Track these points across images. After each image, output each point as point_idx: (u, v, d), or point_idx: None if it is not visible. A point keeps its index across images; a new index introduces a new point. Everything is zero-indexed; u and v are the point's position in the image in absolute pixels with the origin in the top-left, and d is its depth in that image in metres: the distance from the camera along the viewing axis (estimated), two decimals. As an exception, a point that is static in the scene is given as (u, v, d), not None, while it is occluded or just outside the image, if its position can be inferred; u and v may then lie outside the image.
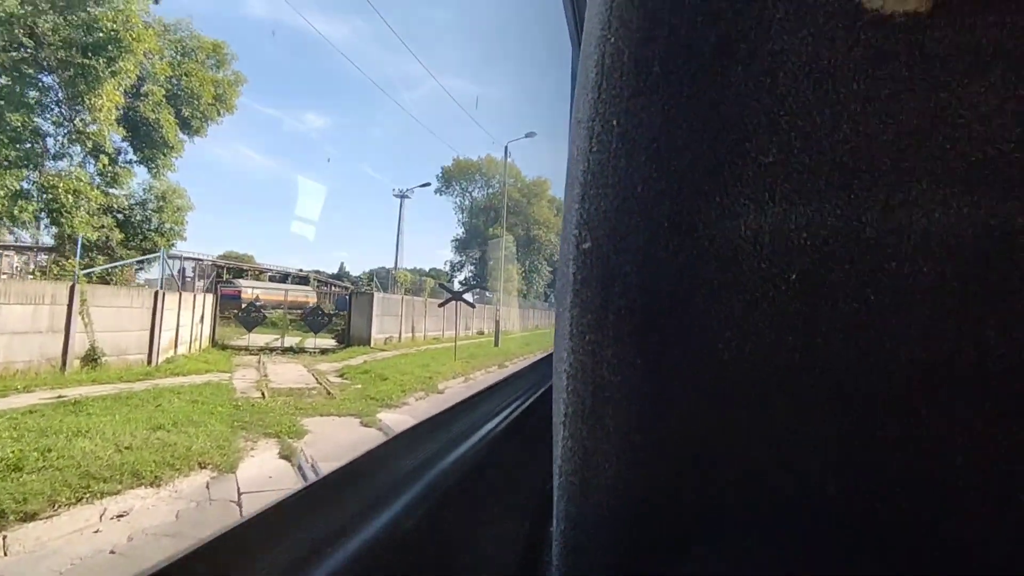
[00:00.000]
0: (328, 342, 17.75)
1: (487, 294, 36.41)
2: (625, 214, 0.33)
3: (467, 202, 45.91)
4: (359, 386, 10.07)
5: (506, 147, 20.19)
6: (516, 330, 35.06)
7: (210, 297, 16.21)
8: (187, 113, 15.17)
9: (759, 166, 0.31)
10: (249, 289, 24.34)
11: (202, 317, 14.70)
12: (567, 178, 0.39)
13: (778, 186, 0.31)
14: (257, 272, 32.22)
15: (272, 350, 16.00)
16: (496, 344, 19.65)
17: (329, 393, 9.32)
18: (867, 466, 0.33)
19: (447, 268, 46.35)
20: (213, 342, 15.98)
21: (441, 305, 15.34)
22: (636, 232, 0.33)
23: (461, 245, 46.15)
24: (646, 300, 0.34)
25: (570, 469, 0.37)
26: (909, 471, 0.32)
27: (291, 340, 17.12)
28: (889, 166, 0.29)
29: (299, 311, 20.12)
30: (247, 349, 15.76)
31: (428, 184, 27.93)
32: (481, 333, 27.78)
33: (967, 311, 0.29)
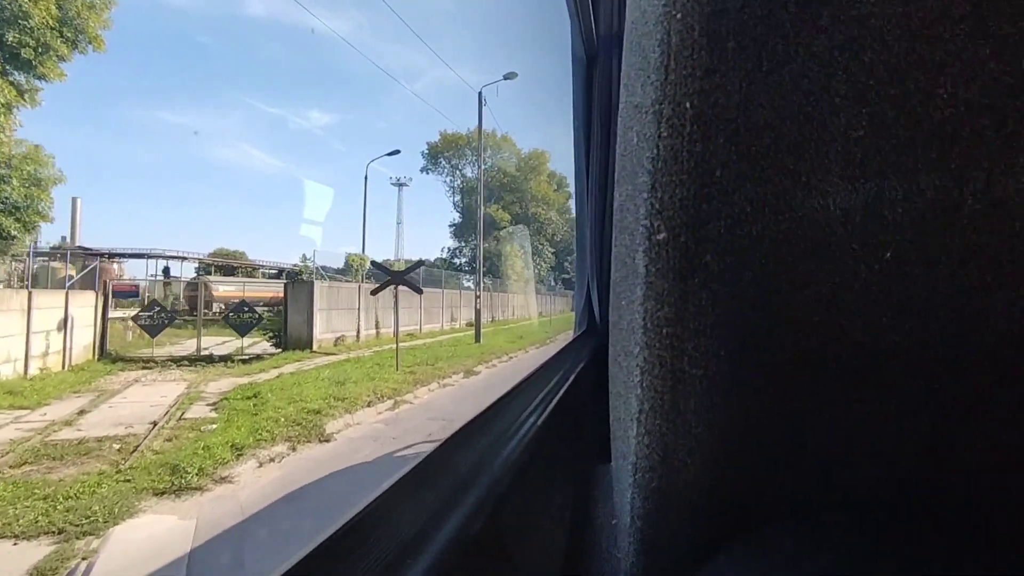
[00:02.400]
0: (273, 345, 14.00)
1: (487, 281, 32.72)
2: (703, 201, 0.32)
3: (458, 181, 41.80)
4: (213, 427, 6.23)
5: (480, 93, 16.10)
6: (517, 319, 31.24)
7: (93, 296, 12.40)
8: (12, 39, 10.55)
9: (848, 139, 0.29)
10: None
11: (96, 319, 11.04)
12: (621, 168, 0.37)
13: (869, 159, 0.29)
14: (250, 268, 29.71)
15: (180, 361, 12.21)
16: (477, 340, 15.76)
17: (120, 455, 5.42)
18: (971, 454, 0.32)
19: (445, 255, 42.60)
20: (103, 352, 12.22)
21: (374, 292, 11.55)
22: (716, 219, 0.32)
23: (459, 230, 42.10)
24: (729, 290, 0.32)
25: (647, 466, 0.36)
26: (1008, 453, 0.31)
27: (230, 345, 13.34)
28: (992, 132, 0.28)
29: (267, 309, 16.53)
30: (150, 361, 12.01)
31: (397, 152, 23.96)
32: (470, 325, 23.93)
33: None
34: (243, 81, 62.39)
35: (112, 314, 12.77)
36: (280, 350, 13.68)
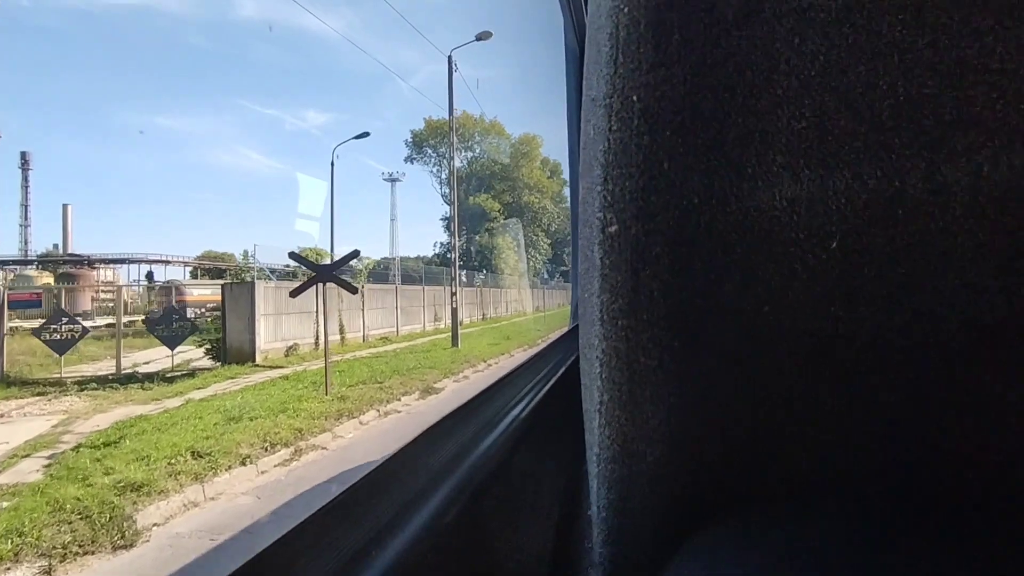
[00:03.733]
0: (212, 358, 11.87)
1: (479, 275, 30.61)
2: (652, 193, 0.32)
3: (445, 172, 39.51)
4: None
5: (449, 57, 13.85)
6: (510, 315, 29.17)
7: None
8: None
9: (791, 132, 0.30)
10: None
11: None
12: (582, 161, 0.38)
13: (813, 151, 0.30)
14: (239, 271, 28.08)
15: (89, 383, 10.06)
16: (455, 344, 13.63)
17: None
18: (914, 438, 0.33)
19: (438, 250, 40.44)
20: (-3, 376, 10.09)
21: (295, 293, 9.40)
22: (665, 211, 0.32)
23: (450, 224, 39.93)
24: (679, 281, 0.33)
25: (609, 456, 0.37)
26: (958, 440, 0.32)
27: (176, 358, 11.17)
28: (932, 121, 0.29)
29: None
30: (56, 383, 9.89)
31: (366, 134, 21.69)
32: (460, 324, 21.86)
33: (1018, 271, 0.29)
34: (236, 83, 60.05)
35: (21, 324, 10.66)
36: (219, 364, 11.58)
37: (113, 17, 48.81)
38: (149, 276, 26.89)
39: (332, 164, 19.56)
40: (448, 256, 40.28)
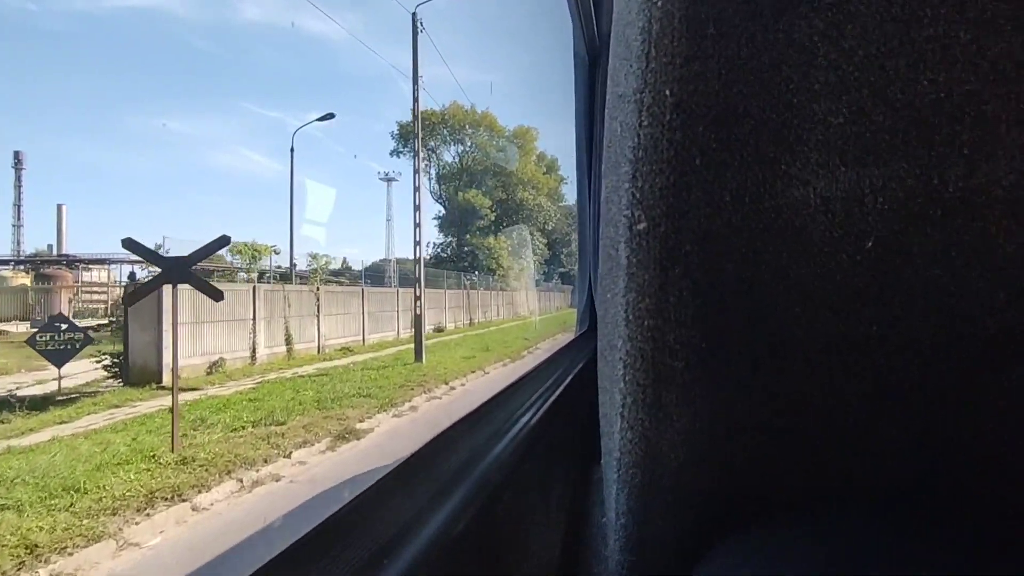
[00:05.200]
0: (112, 376, 9.55)
1: (470, 276, 28.33)
2: (683, 190, 0.31)
3: (433, 168, 37.15)
4: None
5: (413, 15, 11.58)
6: (500, 320, 26.90)
7: None
8: None
9: (828, 128, 0.29)
10: None
11: None
12: (606, 159, 0.38)
13: (849, 148, 0.29)
14: (229, 271, 26.14)
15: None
16: (418, 358, 11.25)
17: None
18: (953, 447, 0.33)
19: (430, 250, 38.13)
20: None
21: (130, 300, 7.02)
22: (696, 208, 0.32)
23: (445, 222, 37.58)
24: (709, 280, 0.32)
25: (631, 462, 0.36)
26: (1000, 451, 0.32)
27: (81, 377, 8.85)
28: (973, 118, 0.28)
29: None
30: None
31: (331, 116, 19.25)
32: (440, 331, 19.51)
33: None
34: (241, 86, 58.21)
35: None
36: (120, 383, 9.26)
37: (116, 20, 47.39)
38: (131, 277, 24.87)
39: (292, 150, 17.24)
40: (442, 256, 38.33)
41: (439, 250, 37.08)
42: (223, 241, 7.06)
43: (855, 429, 0.33)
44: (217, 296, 6.99)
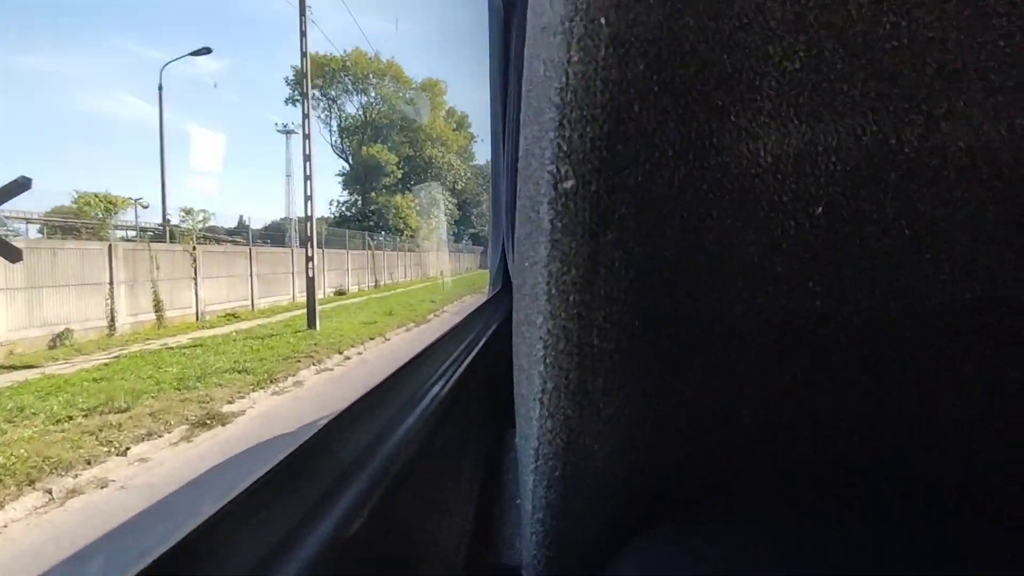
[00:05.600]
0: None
1: (379, 237, 26.84)
2: (618, 142, 0.27)
3: (334, 120, 34.56)
4: None
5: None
6: (408, 281, 25.95)
7: None
8: None
9: (783, 73, 0.26)
10: None
11: None
12: (526, 106, 0.32)
13: (805, 98, 0.26)
14: (99, 228, 22.51)
15: None
16: (311, 324, 10.22)
17: None
18: (896, 423, 0.31)
19: (334, 209, 35.69)
20: None
21: None
22: (633, 164, 0.28)
23: (349, 179, 35.13)
24: (646, 250, 0.29)
25: (550, 452, 0.33)
26: (945, 427, 0.31)
27: None
28: (934, 70, 0.26)
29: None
30: None
31: (206, 51, 16.92)
32: (341, 294, 18.31)
33: (1012, 242, 0.27)
34: (117, 21, 49.83)
35: None
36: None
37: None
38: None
39: (160, 88, 14.99)
40: (346, 215, 36.07)
41: (343, 209, 34.97)
42: (21, 184, 5.62)
43: (800, 412, 0.31)
44: (12, 256, 5.62)
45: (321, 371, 7.30)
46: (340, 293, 18.77)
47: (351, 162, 33.97)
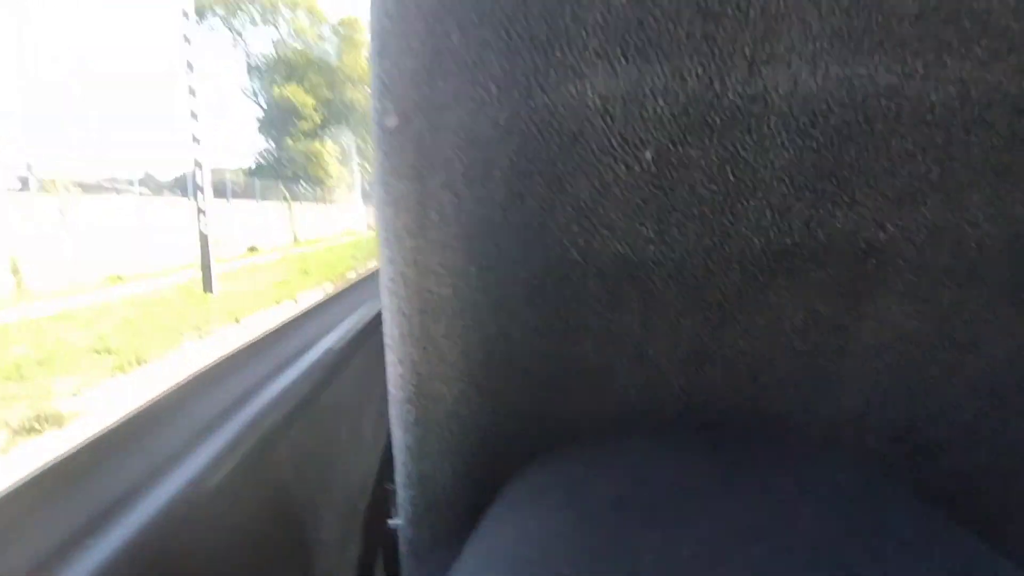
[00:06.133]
0: None
1: (298, 187, 24.73)
2: (439, 77, 0.26)
3: (245, 56, 31.13)
4: None
5: None
6: (332, 236, 24.43)
7: None
8: None
9: (609, 8, 0.25)
10: None
11: None
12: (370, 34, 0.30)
13: (632, 36, 0.25)
14: None
15: None
16: (208, 288, 8.88)
17: None
18: (718, 358, 0.33)
19: (252, 159, 32.61)
20: None
21: None
22: (456, 101, 0.26)
23: (264, 124, 31.99)
24: (475, 192, 0.28)
25: (403, 397, 0.34)
26: (760, 363, 0.33)
27: None
28: (757, 10, 0.24)
29: None
30: None
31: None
32: (253, 250, 16.64)
33: (825, 189, 0.28)
34: None
35: None
36: None
37: None
38: None
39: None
40: (262, 164, 33.19)
41: (259, 157, 32.06)
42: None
43: (635, 352, 0.32)
44: None
45: (210, 346, 6.18)
46: (252, 249, 17.09)
47: (263, 105, 31.01)
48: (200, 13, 28.89)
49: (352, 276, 11.98)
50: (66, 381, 4.60)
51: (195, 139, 9.03)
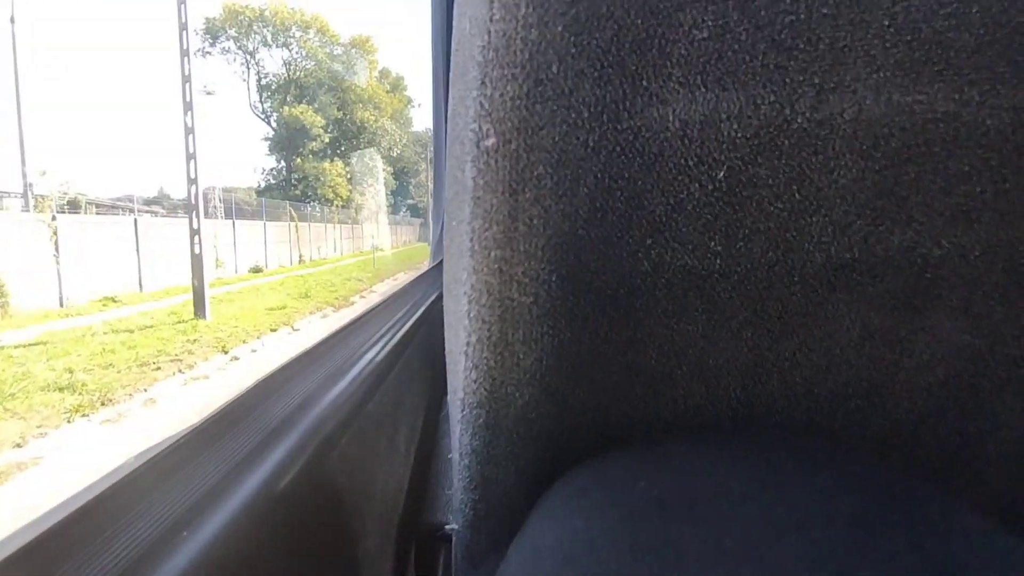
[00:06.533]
0: None
1: (307, 207, 24.34)
2: (537, 101, 0.28)
3: (255, 76, 31.14)
4: None
5: None
6: (339, 256, 23.94)
7: None
8: None
9: (692, 42, 0.27)
10: None
11: None
12: (454, 65, 0.33)
13: (711, 67, 0.27)
14: None
15: None
16: (199, 313, 8.29)
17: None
18: (775, 370, 0.34)
19: (260, 177, 32.44)
20: None
21: None
22: (551, 125, 0.28)
23: (274, 144, 31.90)
24: (562, 207, 0.29)
25: (475, 402, 0.35)
26: (820, 372, 0.34)
27: None
28: (827, 44, 0.27)
29: None
30: None
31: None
32: (257, 271, 16.14)
33: (885, 207, 0.29)
34: None
35: None
36: None
37: None
38: None
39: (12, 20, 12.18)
40: (271, 183, 33.03)
41: (268, 177, 31.89)
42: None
43: (698, 362, 0.33)
44: None
45: (191, 380, 5.54)
46: (256, 270, 16.60)
47: (273, 125, 30.91)
48: (213, 34, 29.06)
49: (356, 300, 11.40)
50: (11, 426, 3.97)
51: (190, 156, 8.54)
